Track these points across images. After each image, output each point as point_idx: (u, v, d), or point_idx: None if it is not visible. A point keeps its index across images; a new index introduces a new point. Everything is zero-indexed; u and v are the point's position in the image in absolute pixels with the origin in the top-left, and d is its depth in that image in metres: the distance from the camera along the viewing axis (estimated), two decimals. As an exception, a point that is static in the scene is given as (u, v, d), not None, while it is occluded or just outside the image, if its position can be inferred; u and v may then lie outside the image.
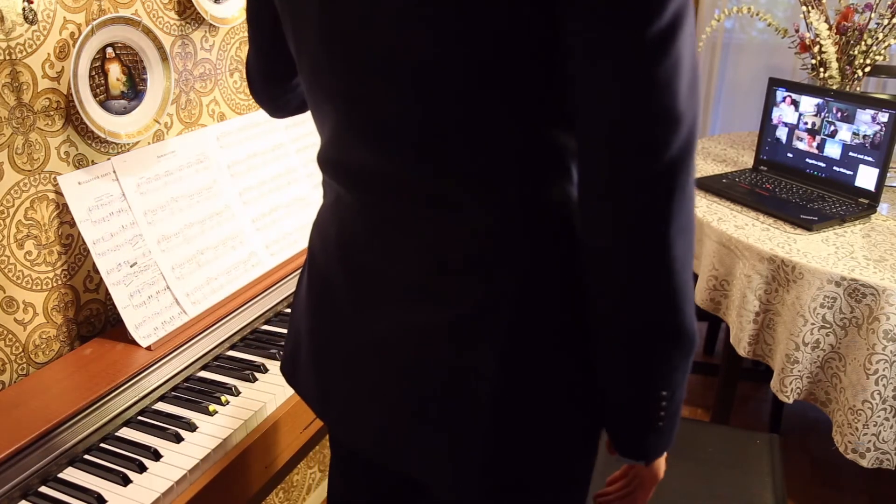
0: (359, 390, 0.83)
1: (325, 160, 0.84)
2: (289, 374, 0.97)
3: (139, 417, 1.16)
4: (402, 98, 0.70)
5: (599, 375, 0.76)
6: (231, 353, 1.34)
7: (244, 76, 1.62)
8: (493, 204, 0.73)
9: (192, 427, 1.13)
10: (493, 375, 0.74)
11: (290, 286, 1.50)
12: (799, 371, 1.59)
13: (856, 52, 2.01)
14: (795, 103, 1.98)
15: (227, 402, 1.19)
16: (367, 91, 0.72)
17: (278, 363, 1.29)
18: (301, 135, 1.70)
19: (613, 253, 0.67)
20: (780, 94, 2.01)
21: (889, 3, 1.97)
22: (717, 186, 1.98)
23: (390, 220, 0.78)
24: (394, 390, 0.80)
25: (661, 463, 0.83)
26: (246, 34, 1.60)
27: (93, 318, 1.33)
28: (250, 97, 1.65)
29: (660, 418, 0.74)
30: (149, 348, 1.24)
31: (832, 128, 1.90)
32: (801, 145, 1.98)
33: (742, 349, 1.73)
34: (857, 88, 2.10)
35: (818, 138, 1.94)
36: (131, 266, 1.27)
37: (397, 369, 0.79)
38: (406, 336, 0.78)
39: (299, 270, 1.53)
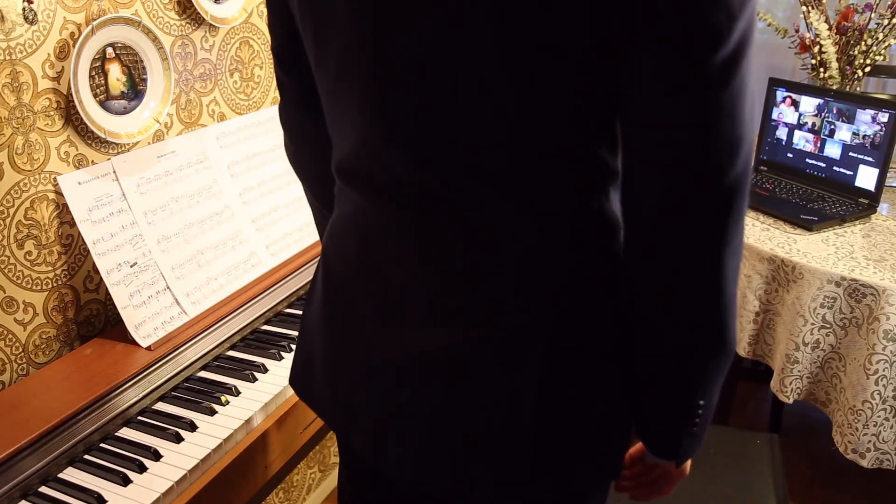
0: (388, 411, 0.80)
1: (346, 170, 0.79)
2: (302, 391, 0.94)
3: (139, 417, 1.16)
4: (449, 112, 0.68)
5: (641, 386, 0.76)
6: (231, 353, 1.34)
7: (244, 76, 1.62)
8: (539, 221, 0.71)
9: (192, 427, 1.13)
10: (535, 397, 0.73)
11: (290, 286, 1.49)
12: (799, 371, 1.59)
13: (856, 52, 2.01)
14: (795, 103, 1.98)
15: (228, 402, 1.19)
16: (409, 104, 0.70)
17: (278, 363, 1.29)
18: (301, 135, 1.70)
19: (665, 273, 0.67)
20: (780, 94, 2.01)
21: (889, 3, 1.97)
22: (717, 186, 1.98)
23: (425, 236, 0.74)
24: (427, 412, 0.77)
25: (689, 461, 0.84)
26: (245, 34, 1.60)
27: (93, 318, 1.33)
28: (250, 97, 1.65)
29: (695, 424, 0.76)
30: (149, 348, 1.24)
31: (832, 128, 1.90)
32: (802, 145, 1.98)
33: (742, 349, 1.73)
34: (857, 88, 2.10)
35: (818, 138, 1.94)
36: (131, 266, 1.27)
37: (432, 390, 0.76)
38: (440, 356, 0.75)
39: (299, 271, 1.53)
